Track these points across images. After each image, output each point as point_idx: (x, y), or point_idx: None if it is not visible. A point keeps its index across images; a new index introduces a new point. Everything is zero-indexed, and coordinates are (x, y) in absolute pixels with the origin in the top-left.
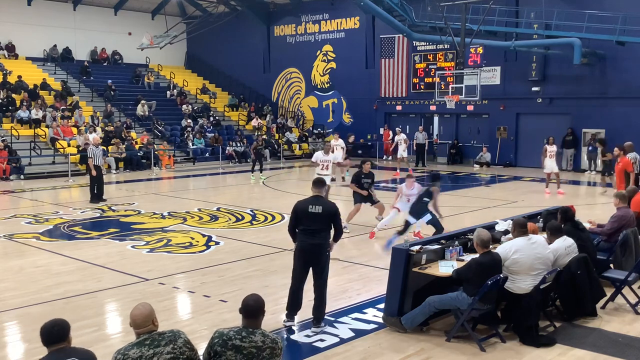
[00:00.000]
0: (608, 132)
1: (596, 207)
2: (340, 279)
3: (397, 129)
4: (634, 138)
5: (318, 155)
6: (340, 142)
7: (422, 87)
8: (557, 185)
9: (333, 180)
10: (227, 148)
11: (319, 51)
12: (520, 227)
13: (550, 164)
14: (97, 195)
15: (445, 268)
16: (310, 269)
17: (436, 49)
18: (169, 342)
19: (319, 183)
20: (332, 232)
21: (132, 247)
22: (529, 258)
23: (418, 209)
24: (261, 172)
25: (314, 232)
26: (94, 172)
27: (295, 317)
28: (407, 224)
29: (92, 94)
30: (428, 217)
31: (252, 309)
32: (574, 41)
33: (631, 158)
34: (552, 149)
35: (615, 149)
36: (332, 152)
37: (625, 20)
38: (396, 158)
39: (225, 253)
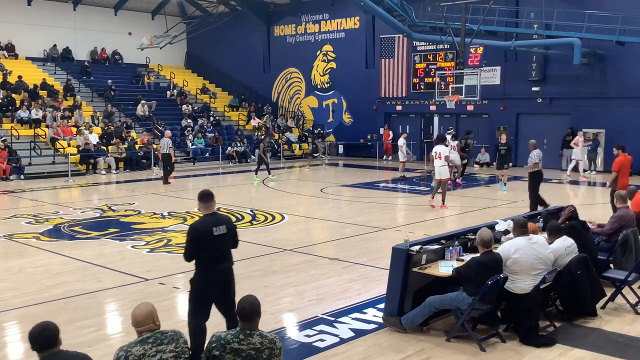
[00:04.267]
0: (608, 132)
1: (596, 207)
2: (340, 279)
3: (579, 132)
4: (634, 138)
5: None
6: (402, 140)
7: (422, 87)
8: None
9: (455, 173)
10: (229, 148)
11: (319, 51)
12: (520, 227)
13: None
14: (164, 178)
15: (445, 268)
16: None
17: (436, 49)
18: (171, 341)
19: (206, 197)
20: None
21: (132, 247)
22: (529, 258)
23: None
24: (256, 174)
25: (223, 257)
26: (173, 159)
27: None
28: None
29: (92, 94)
30: None
31: (248, 312)
32: (574, 41)
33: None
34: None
35: (614, 149)
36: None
37: (625, 20)
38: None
39: None
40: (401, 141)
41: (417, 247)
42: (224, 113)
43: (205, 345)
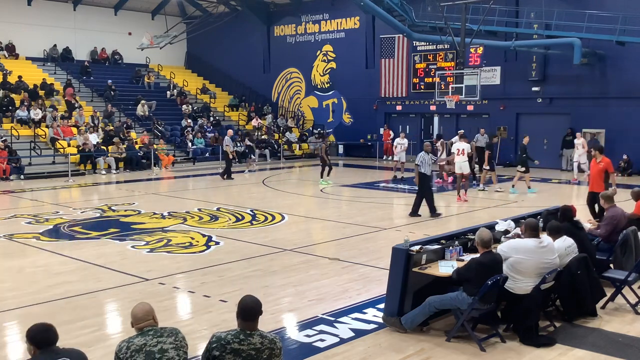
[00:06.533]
0: (608, 132)
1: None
2: (340, 279)
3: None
4: (634, 138)
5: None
6: (399, 140)
7: (422, 87)
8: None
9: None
10: None
11: (319, 51)
12: (532, 229)
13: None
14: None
15: (445, 268)
16: None
17: (436, 49)
18: (170, 335)
19: None
20: None
21: (132, 247)
22: (535, 262)
23: None
24: (328, 175)
25: None
26: (230, 156)
27: None
28: None
29: (92, 94)
30: None
31: (250, 311)
32: (574, 41)
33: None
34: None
35: (595, 150)
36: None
37: (625, 20)
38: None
39: (225, 253)
40: (396, 142)
41: (417, 247)
42: (224, 113)
43: (206, 345)
